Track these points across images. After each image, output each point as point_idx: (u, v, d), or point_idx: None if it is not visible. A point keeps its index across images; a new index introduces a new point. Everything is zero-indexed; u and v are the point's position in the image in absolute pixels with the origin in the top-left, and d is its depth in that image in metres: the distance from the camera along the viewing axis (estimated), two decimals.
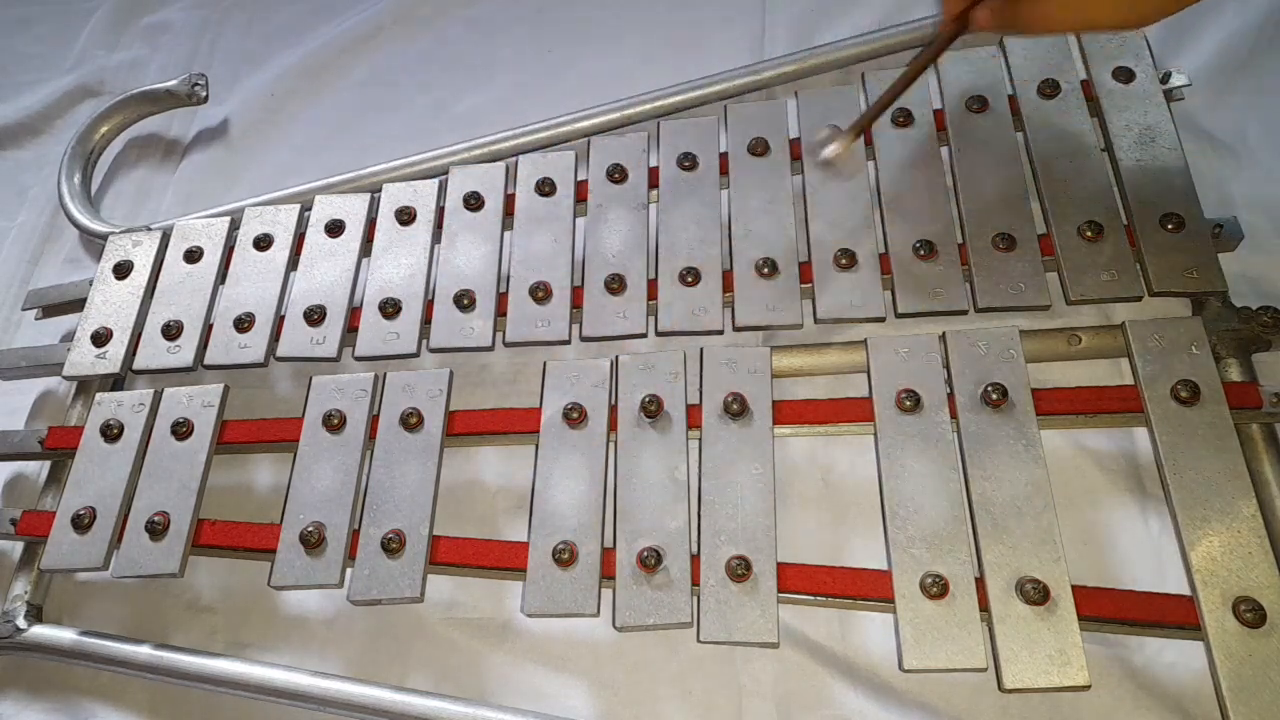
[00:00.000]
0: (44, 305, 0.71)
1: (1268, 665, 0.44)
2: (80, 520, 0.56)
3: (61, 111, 0.89)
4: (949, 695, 0.50)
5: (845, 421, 0.54)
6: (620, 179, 0.64)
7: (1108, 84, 0.62)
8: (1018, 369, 0.53)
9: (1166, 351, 0.52)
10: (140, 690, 0.57)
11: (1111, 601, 0.47)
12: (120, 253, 0.68)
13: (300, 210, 0.68)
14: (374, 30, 0.88)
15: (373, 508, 0.54)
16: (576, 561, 0.51)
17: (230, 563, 0.59)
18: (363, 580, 0.52)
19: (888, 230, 0.59)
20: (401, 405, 0.57)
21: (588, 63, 0.81)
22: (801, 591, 0.49)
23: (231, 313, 0.63)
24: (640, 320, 0.59)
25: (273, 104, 0.85)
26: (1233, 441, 0.49)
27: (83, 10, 0.96)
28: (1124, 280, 0.55)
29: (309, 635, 0.57)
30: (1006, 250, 0.56)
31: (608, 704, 0.53)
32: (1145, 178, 0.58)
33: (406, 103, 0.83)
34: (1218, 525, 0.47)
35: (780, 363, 0.58)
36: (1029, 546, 0.48)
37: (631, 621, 0.49)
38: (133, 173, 0.84)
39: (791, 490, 0.56)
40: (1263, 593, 0.45)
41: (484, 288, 0.61)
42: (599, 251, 0.62)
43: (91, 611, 0.60)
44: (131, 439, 0.59)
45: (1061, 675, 0.44)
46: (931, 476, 0.50)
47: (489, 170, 0.67)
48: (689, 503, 0.52)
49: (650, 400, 0.54)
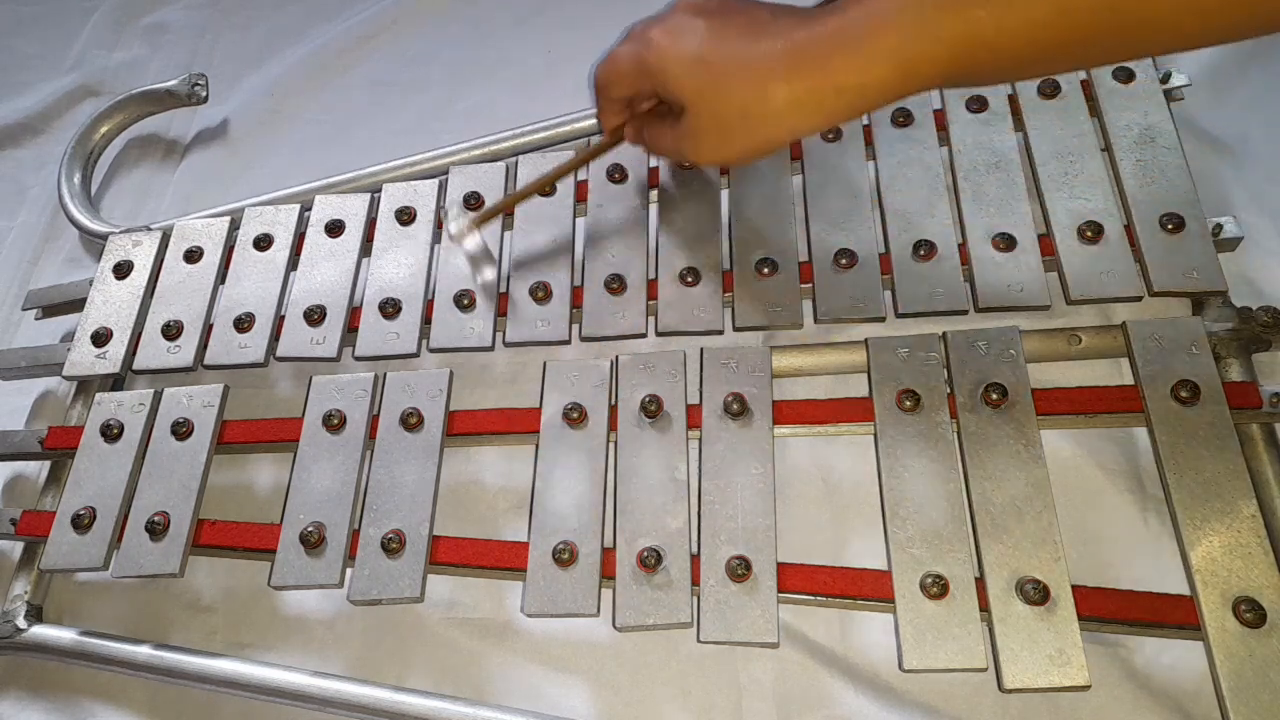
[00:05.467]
0: (44, 305, 0.71)
1: (1268, 665, 0.44)
2: (80, 520, 0.56)
3: (61, 111, 0.89)
4: (949, 695, 0.50)
5: (845, 421, 0.54)
6: (620, 179, 0.64)
7: (1108, 84, 0.62)
8: (1018, 369, 0.53)
9: (1166, 351, 0.52)
10: (140, 690, 0.57)
11: (1111, 601, 0.47)
12: (120, 253, 0.68)
13: (300, 210, 0.68)
14: (374, 30, 0.88)
15: (373, 508, 0.54)
16: (576, 561, 0.51)
17: (230, 563, 0.59)
18: (363, 580, 0.52)
19: (889, 230, 0.59)
20: (401, 405, 0.57)
21: (588, 63, 0.81)
22: (801, 591, 0.49)
23: (231, 313, 0.63)
24: (640, 320, 0.59)
25: (273, 104, 0.85)
26: (1233, 441, 0.49)
27: (83, 10, 0.96)
28: (1124, 280, 0.55)
29: (309, 635, 0.57)
30: (1006, 250, 0.57)
31: (608, 704, 0.53)
32: (1145, 177, 0.58)
33: (406, 103, 0.83)
34: (1218, 525, 0.47)
35: (780, 363, 0.58)
36: (1029, 546, 0.48)
37: (631, 621, 0.49)
38: (133, 173, 0.84)
39: (791, 490, 0.56)
40: (1263, 593, 0.45)
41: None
42: (599, 251, 0.62)
43: (91, 611, 0.60)
44: (131, 439, 0.59)
45: (1061, 675, 0.45)
46: (931, 476, 0.50)
47: (489, 170, 0.67)
48: (689, 503, 0.52)
49: (650, 400, 0.54)
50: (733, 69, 0.46)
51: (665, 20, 0.49)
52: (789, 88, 0.44)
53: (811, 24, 0.45)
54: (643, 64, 0.49)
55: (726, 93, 0.46)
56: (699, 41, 0.47)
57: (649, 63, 0.48)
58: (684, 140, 0.50)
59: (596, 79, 0.53)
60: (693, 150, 0.50)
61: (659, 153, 0.55)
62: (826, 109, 0.45)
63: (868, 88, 0.44)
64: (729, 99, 0.46)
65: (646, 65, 0.49)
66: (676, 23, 0.48)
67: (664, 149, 0.53)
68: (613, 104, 0.54)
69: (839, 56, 0.43)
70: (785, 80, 0.44)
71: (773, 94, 0.45)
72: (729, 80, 0.46)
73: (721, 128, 0.47)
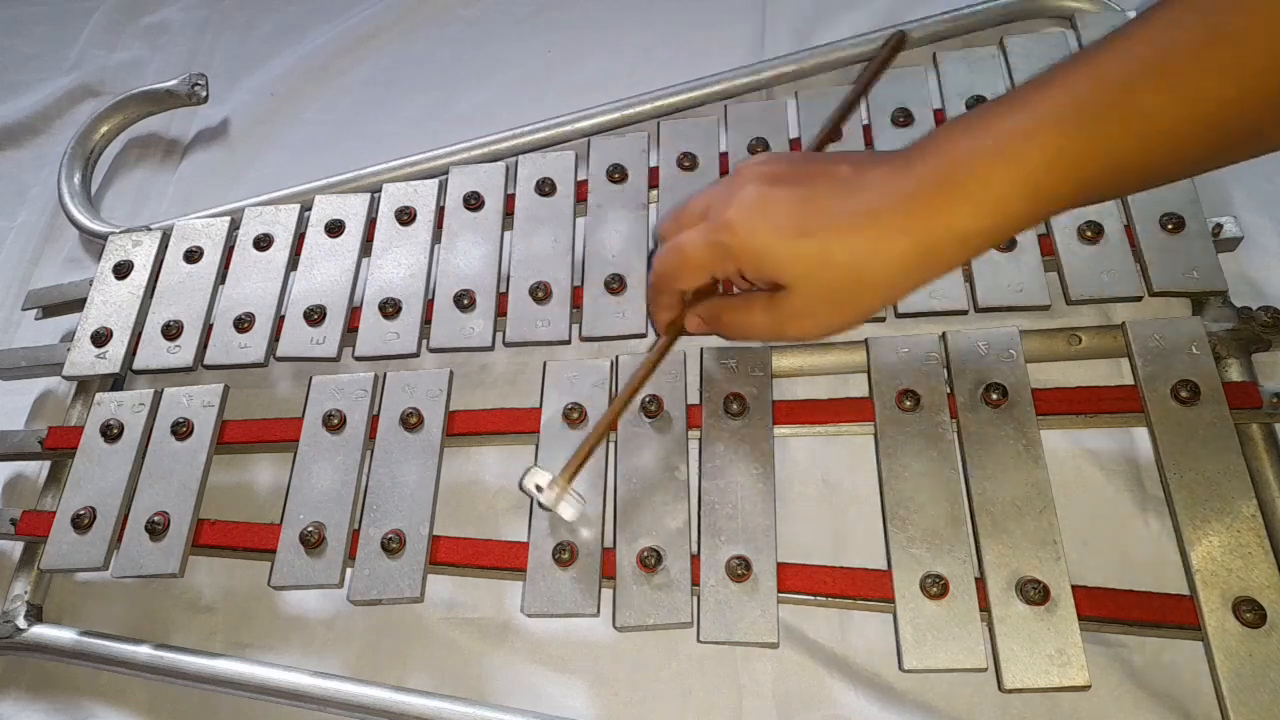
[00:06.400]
0: (44, 305, 0.71)
1: (1268, 665, 0.44)
2: (80, 520, 0.56)
3: (61, 111, 0.89)
4: (949, 695, 0.50)
5: (845, 421, 0.54)
6: (620, 179, 0.64)
7: None
8: (1018, 369, 0.53)
9: (1166, 351, 0.52)
10: (140, 690, 0.57)
11: (1111, 601, 0.47)
12: (120, 253, 0.68)
13: (300, 210, 0.68)
14: (374, 30, 0.88)
15: (373, 508, 0.54)
16: (576, 561, 0.51)
17: (230, 563, 0.59)
18: (363, 580, 0.52)
19: None
20: (401, 405, 0.57)
21: (588, 63, 0.81)
22: (801, 591, 0.49)
23: (231, 313, 0.63)
24: (640, 320, 0.59)
25: (273, 104, 0.85)
26: (1233, 441, 0.49)
27: (82, 10, 0.96)
28: (1124, 280, 0.55)
29: (309, 635, 0.57)
30: (1006, 250, 0.57)
31: (608, 704, 0.53)
32: None
33: (406, 103, 0.83)
34: (1218, 525, 0.47)
35: (780, 363, 0.57)
36: (1029, 546, 0.48)
37: (631, 621, 0.49)
38: (133, 173, 0.84)
39: (791, 490, 0.56)
40: (1263, 593, 0.45)
41: (484, 288, 0.61)
42: (599, 251, 0.62)
43: (91, 611, 0.60)
44: (131, 439, 0.59)
45: (1061, 675, 0.45)
46: (931, 476, 0.50)
47: (489, 170, 0.67)
48: (689, 503, 0.52)
49: (650, 400, 0.54)
50: (838, 235, 0.41)
51: (735, 195, 0.44)
52: (907, 241, 0.40)
53: (912, 166, 0.40)
54: (723, 249, 0.44)
55: (836, 262, 0.41)
56: (789, 211, 0.42)
57: (732, 247, 0.43)
58: (787, 321, 0.44)
59: (658, 271, 0.48)
60: (798, 328, 0.45)
61: (745, 336, 0.49)
62: (948, 259, 0.41)
63: (997, 229, 0.39)
64: (839, 268, 0.41)
65: (729, 250, 0.43)
66: (752, 197, 0.43)
67: (757, 333, 0.47)
68: (674, 296, 0.49)
69: (960, 200, 0.39)
70: (903, 235, 0.40)
71: (889, 253, 0.40)
72: (836, 248, 0.41)
73: (832, 299, 0.43)
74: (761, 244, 0.42)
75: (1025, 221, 0.39)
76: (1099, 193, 0.40)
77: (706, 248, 0.45)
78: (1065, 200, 0.39)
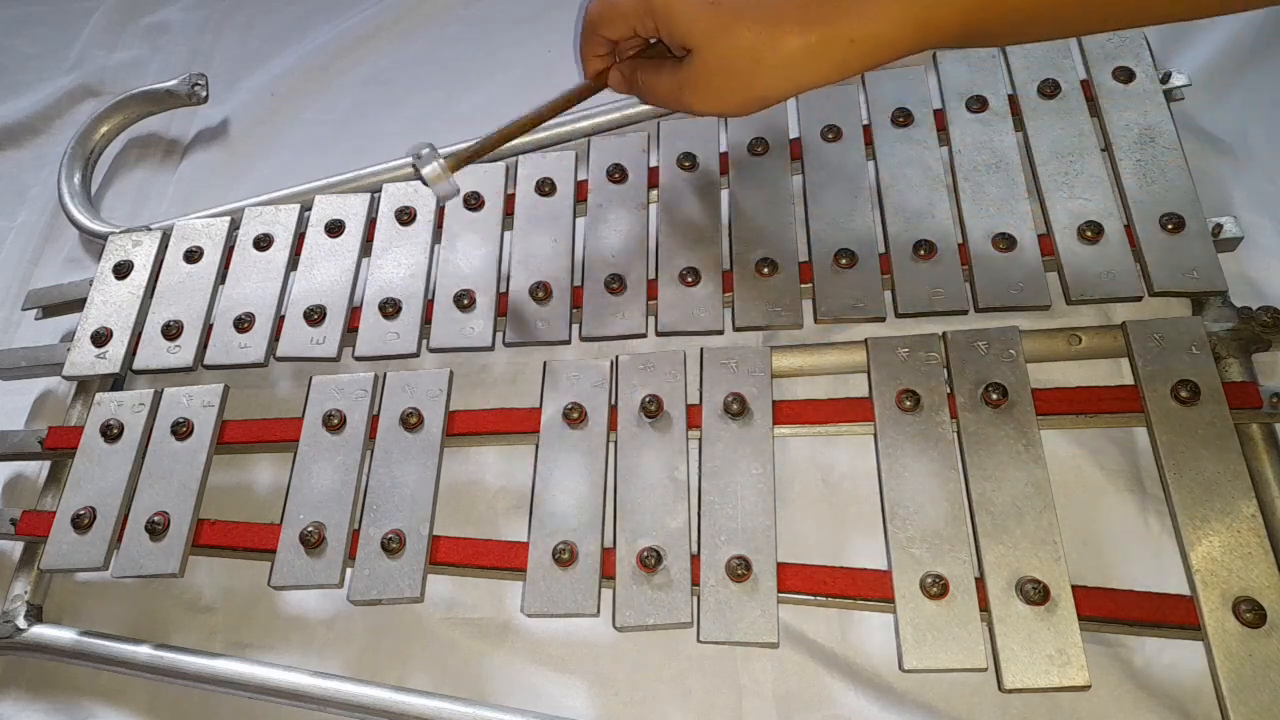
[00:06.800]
0: (44, 305, 0.71)
1: (1268, 665, 0.44)
2: (80, 520, 0.56)
3: (61, 111, 0.89)
4: (949, 695, 0.50)
5: (845, 421, 0.54)
6: (620, 179, 0.64)
7: (1108, 84, 0.62)
8: (1018, 369, 0.53)
9: (1166, 351, 0.52)
10: (140, 690, 0.57)
11: (1111, 601, 0.47)
12: (120, 253, 0.68)
13: (300, 210, 0.68)
14: (374, 30, 0.88)
15: (373, 508, 0.54)
16: (576, 561, 0.51)
17: (230, 563, 0.59)
18: (363, 580, 0.52)
19: (889, 230, 0.59)
20: (401, 405, 0.57)
21: None
22: (801, 591, 0.49)
23: (231, 313, 0.63)
24: (640, 320, 0.59)
25: (273, 104, 0.85)
26: (1233, 441, 0.49)
27: (82, 10, 0.96)
28: (1124, 280, 0.55)
29: (309, 635, 0.57)
30: (1006, 250, 0.57)
31: (608, 704, 0.53)
32: (1145, 177, 0.58)
33: (406, 103, 0.83)
34: (1218, 525, 0.47)
35: (780, 363, 0.57)
36: (1029, 546, 0.48)
37: (631, 621, 0.49)
38: (133, 173, 0.84)
39: (791, 490, 0.56)
40: (1263, 593, 0.45)
41: (484, 288, 0.61)
42: (599, 251, 0.62)
43: (91, 611, 0.60)
44: (131, 439, 0.59)
45: (1061, 675, 0.45)
46: (931, 476, 0.50)
47: (489, 170, 0.67)
48: (689, 503, 0.52)
49: (650, 400, 0.54)
50: (746, 13, 0.45)
51: None
52: (803, 35, 0.44)
53: None
54: (646, 5, 0.48)
55: (738, 37, 0.45)
56: None
57: (654, 3, 0.47)
58: (686, 87, 0.48)
59: (589, 15, 0.51)
60: (694, 97, 0.48)
61: (653, 100, 0.52)
62: (837, 59, 0.44)
63: (881, 39, 0.43)
64: (740, 44, 0.45)
65: (651, 3, 0.47)
66: None
67: (660, 96, 0.51)
68: (601, 44, 0.52)
69: (855, 7, 0.43)
70: (799, 26, 0.44)
71: (786, 41, 0.44)
72: (741, 24, 0.45)
73: (728, 74, 0.46)
74: (678, 5, 0.46)
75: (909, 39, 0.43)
76: (986, 27, 0.43)
77: (633, 1, 0.48)
78: (948, 28, 0.43)
